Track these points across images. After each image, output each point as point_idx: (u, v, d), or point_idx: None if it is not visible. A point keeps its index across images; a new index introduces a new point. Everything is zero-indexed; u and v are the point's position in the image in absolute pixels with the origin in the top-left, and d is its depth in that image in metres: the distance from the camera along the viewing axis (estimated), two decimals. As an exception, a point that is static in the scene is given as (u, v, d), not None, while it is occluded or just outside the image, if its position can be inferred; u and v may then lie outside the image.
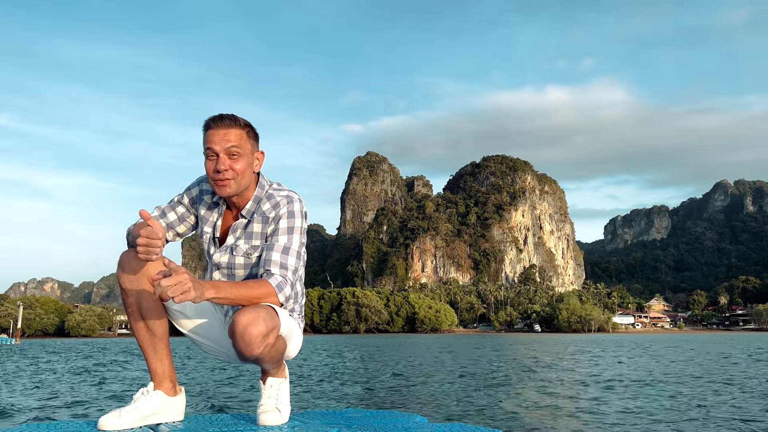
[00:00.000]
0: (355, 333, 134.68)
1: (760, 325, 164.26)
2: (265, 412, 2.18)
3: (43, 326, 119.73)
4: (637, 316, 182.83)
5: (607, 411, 8.91)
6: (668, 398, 10.45)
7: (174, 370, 2.27)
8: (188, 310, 2.26)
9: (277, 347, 2.05)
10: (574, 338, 75.29)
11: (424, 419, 2.29)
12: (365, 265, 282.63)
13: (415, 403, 10.06)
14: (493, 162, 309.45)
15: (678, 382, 13.57)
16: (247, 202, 2.18)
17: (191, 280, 1.77)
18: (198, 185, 2.29)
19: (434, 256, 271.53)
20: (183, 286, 1.73)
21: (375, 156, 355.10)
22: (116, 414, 2.08)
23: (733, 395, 10.80)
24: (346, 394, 11.45)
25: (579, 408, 9.26)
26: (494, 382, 13.81)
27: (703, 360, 22.86)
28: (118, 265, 2.13)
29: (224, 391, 12.12)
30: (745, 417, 8.17)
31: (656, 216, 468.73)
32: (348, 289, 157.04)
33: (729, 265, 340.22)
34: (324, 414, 2.48)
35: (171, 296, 1.72)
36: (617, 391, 11.59)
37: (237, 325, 1.89)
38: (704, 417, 8.23)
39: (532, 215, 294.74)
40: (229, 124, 2.08)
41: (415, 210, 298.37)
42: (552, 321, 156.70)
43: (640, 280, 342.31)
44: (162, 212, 2.29)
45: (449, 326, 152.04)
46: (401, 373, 16.65)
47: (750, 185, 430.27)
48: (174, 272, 1.75)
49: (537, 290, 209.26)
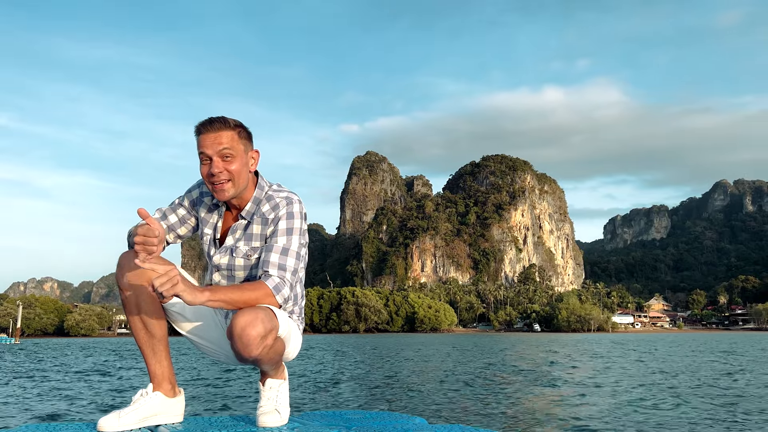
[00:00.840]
0: (354, 332, 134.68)
1: (759, 324, 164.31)
2: (265, 413, 2.18)
3: (43, 326, 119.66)
4: (636, 315, 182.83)
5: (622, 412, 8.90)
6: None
7: (173, 372, 2.27)
8: (187, 311, 2.26)
9: (276, 349, 2.05)
10: (575, 338, 75.28)
11: (423, 420, 2.29)
12: (365, 264, 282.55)
13: (414, 404, 10.06)
14: (493, 161, 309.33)
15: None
16: (246, 203, 2.18)
17: (183, 281, 1.81)
18: (198, 187, 2.30)
19: (434, 255, 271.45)
20: (171, 277, 1.78)
21: (374, 155, 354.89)
22: (115, 415, 2.08)
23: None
24: (346, 396, 11.46)
25: (579, 409, 9.25)
26: (494, 382, 13.80)
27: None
28: (118, 265, 2.14)
29: (223, 392, 12.13)
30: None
31: (656, 216, 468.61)
32: (348, 288, 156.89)
33: (728, 265, 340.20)
34: (323, 415, 2.49)
35: (161, 291, 1.76)
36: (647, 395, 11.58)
37: (235, 326, 1.89)
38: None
39: (531, 215, 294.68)
40: (219, 126, 2.08)
41: (414, 209, 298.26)
42: (551, 320, 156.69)
43: (640, 280, 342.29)
44: (163, 214, 2.30)
45: (449, 326, 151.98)
46: (400, 373, 16.64)
47: (749, 185, 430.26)
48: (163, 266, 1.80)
49: (536, 290, 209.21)
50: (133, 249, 2.10)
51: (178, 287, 1.79)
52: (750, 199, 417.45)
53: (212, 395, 11.52)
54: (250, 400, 10.56)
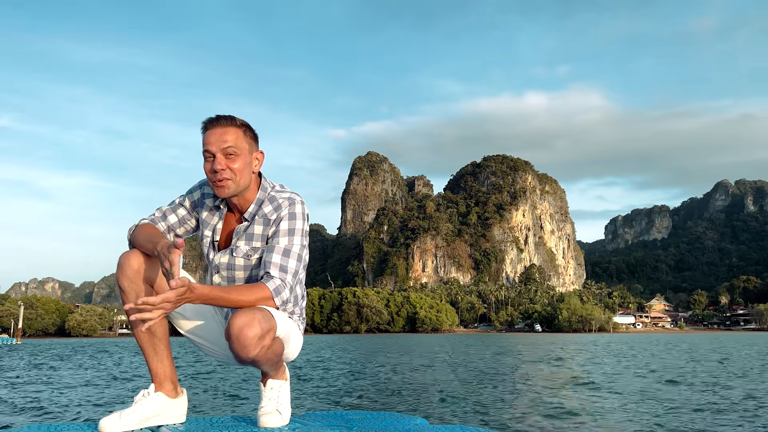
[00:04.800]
0: (355, 333, 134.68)
1: (760, 324, 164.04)
2: (266, 414, 2.18)
3: (44, 326, 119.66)
4: (637, 316, 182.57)
5: (621, 411, 8.90)
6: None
7: (175, 372, 2.27)
8: (188, 311, 2.25)
9: (274, 349, 2.05)
10: (576, 338, 75.27)
11: (424, 421, 2.28)
12: (366, 264, 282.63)
13: (415, 404, 10.06)
14: (494, 162, 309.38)
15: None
16: (249, 204, 2.17)
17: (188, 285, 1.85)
18: (200, 188, 2.29)
19: (435, 255, 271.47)
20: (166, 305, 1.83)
21: (375, 156, 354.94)
22: (116, 416, 2.08)
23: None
24: (347, 396, 11.46)
25: (582, 409, 9.25)
26: (495, 382, 13.80)
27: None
28: (118, 265, 2.13)
29: (225, 392, 12.14)
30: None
31: (657, 216, 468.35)
32: (349, 288, 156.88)
33: (730, 265, 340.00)
34: (324, 416, 2.49)
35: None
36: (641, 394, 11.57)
37: (232, 327, 1.89)
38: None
39: (532, 215, 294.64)
40: (225, 124, 2.09)
41: (415, 210, 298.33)
42: (553, 321, 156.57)
43: (641, 280, 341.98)
44: (163, 214, 2.29)
45: (450, 326, 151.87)
46: (401, 374, 16.65)
47: (751, 185, 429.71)
48: (182, 285, 1.83)
49: (538, 290, 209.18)
50: (133, 249, 2.13)
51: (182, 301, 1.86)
52: (751, 199, 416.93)
53: (213, 395, 11.53)
54: (252, 401, 10.56)
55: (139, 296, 2.08)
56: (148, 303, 1.80)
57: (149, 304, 1.80)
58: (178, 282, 1.82)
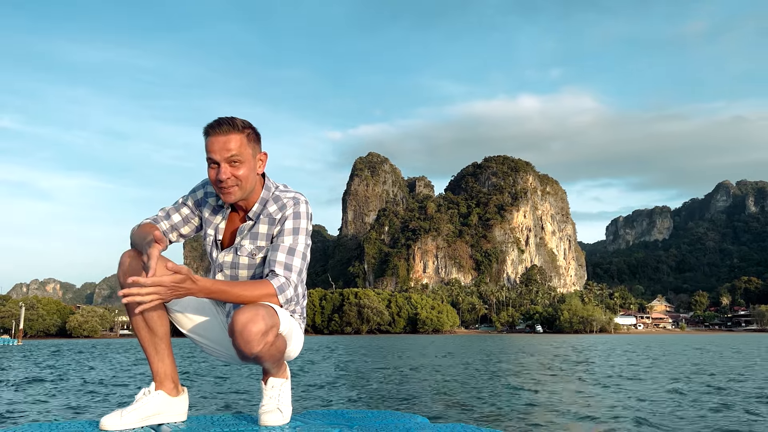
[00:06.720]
0: (356, 334, 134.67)
1: (762, 325, 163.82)
2: (267, 412, 2.18)
3: (45, 327, 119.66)
4: (639, 316, 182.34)
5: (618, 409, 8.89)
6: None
7: (176, 370, 2.27)
8: (189, 310, 2.25)
9: (277, 346, 2.06)
10: (579, 339, 75.22)
11: (425, 419, 2.29)
12: (367, 265, 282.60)
13: (416, 403, 10.07)
14: (495, 162, 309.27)
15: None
16: (253, 204, 2.19)
17: (190, 278, 1.86)
18: (203, 187, 2.30)
19: (436, 256, 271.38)
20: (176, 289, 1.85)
21: (376, 156, 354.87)
22: (118, 414, 2.08)
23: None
24: (348, 395, 11.46)
25: (581, 409, 9.25)
26: (496, 382, 13.80)
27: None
28: (119, 265, 2.14)
29: (226, 391, 12.15)
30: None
31: (658, 216, 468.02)
32: (350, 289, 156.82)
33: (731, 266, 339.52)
34: (325, 414, 2.50)
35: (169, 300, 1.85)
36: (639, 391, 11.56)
37: (236, 323, 1.90)
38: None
39: (533, 216, 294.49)
40: (228, 130, 2.07)
41: (416, 210, 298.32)
42: (554, 322, 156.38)
43: (642, 281, 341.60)
44: (166, 213, 2.30)
45: (451, 327, 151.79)
46: (402, 373, 16.65)
47: (752, 186, 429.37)
48: (177, 272, 1.84)
49: (539, 291, 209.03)
50: (133, 249, 2.14)
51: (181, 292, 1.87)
52: (753, 200, 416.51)
53: (214, 394, 11.54)
54: (253, 399, 10.57)
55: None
56: (138, 282, 1.81)
57: (140, 284, 1.81)
58: (174, 266, 1.84)
